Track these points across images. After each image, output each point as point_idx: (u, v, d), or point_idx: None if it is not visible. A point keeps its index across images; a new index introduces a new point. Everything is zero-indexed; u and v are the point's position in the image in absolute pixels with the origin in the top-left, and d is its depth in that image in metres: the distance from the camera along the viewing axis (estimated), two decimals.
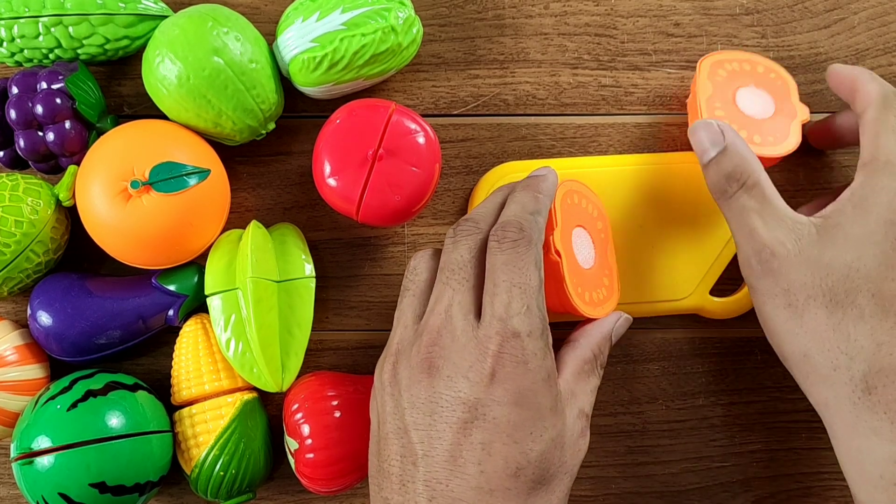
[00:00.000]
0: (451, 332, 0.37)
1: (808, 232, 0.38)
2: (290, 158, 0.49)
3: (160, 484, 0.45)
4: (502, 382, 0.35)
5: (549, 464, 0.36)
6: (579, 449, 0.38)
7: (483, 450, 0.35)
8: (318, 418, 0.44)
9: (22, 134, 0.44)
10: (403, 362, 0.38)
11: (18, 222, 0.43)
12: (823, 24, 0.49)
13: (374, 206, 0.43)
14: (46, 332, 0.45)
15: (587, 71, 0.49)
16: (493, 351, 0.36)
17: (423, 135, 0.44)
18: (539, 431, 0.36)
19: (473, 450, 0.35)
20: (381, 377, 0.39)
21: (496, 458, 0.35)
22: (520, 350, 0.36)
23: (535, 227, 0.38)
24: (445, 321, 0.37)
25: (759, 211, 0.39)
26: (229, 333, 0.44)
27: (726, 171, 0.40)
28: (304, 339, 0.45)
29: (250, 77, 0.44)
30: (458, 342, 0.36)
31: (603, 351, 0.41)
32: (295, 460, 0.45)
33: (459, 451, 0.35)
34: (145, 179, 0.42)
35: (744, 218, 0.39)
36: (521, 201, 0.40)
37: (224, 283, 0.44)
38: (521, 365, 0.36)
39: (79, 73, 0.45)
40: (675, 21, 0.49)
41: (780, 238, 0.38)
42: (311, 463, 0.44)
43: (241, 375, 0.45)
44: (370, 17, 0.44)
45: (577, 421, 0.38)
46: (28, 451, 0.42)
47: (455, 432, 0.35)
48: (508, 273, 0.37)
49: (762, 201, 0.39)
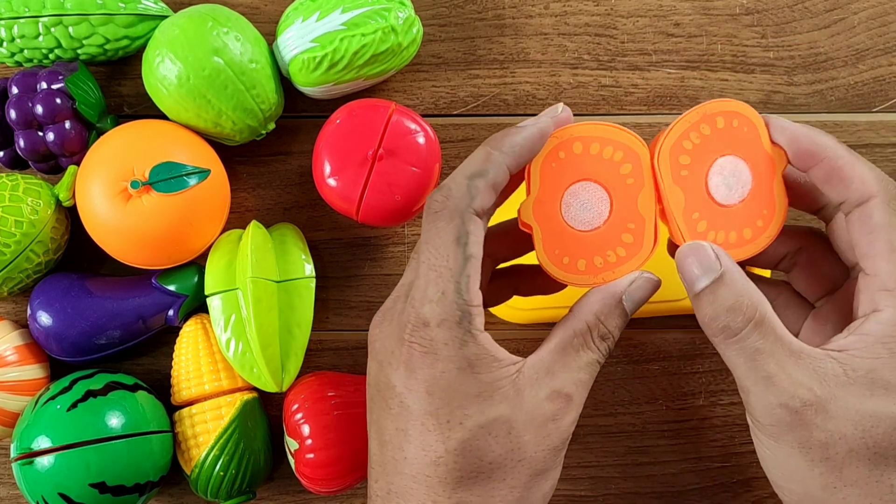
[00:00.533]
0: (391, 316, 0.36)
1: (834, 372, 0.33)
2: (290, 158, 0.49)
3: (160, 484, 0.45)
4: (414, 371, 0.34)
5: (480, 452, 0.34)
6: (548, 433, 0.34)
7: (403, 436, 0.35)
8: (318, 418, 0.44)
9: (22, 134, 0.44)
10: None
11: (18, 222, 0.43)
12: (823, 24, 0.49)
13: (374, 206, 0.43)
14: (46, 332, 0.45)
15: (587, 71, 0.49)
16: (406, 339, 0.35)
17: (423, 135, 0.44)
18: (458, 419, 0.34)
19: (397, 435, 0.35)
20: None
21: (414, 444, 0.34)
22: (427, 340, 0.34)
23: (464, 194, 0.34)
24: (392, 303, 0.37)
25: (772, 353, 0.34)
26: (229, 333, 0.44)
27: (727, 304, 0.34)
28: (304, 340, 0.45)
29: (250, 77, 0.44)
30: (391, 326, 0.36)
31: (604, 320, 0.35)
32: (295, 461, 0.45)
33: (387, 435, 0.35)
34: (145, 179, 0.42)
35: (758, 362, 0.34)
36: (468, 161, 0.35)
37: (224, 284, 0.44)
38: (430, 355, 0.34)
39: (79, 73, 0.45)
40: (675, 21, 0.49)
41: (805, 383, 0.33)
42: (311, 463, 0.44)
43: (240, 375, 0.45)
44: (370, 17, 0.44)
45: (545, 403, 0.34)
46: (28, 452, 0.42)
47: (385, 417, 0.35)
48: (426, 253, 0.35)
49: (774, 341, 0.34)
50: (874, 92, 0.49)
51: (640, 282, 0.36)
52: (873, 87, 0.49)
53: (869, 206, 0.35)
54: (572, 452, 0.49)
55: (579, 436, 0.49)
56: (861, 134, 0.49)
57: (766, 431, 0.35)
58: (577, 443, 0.49)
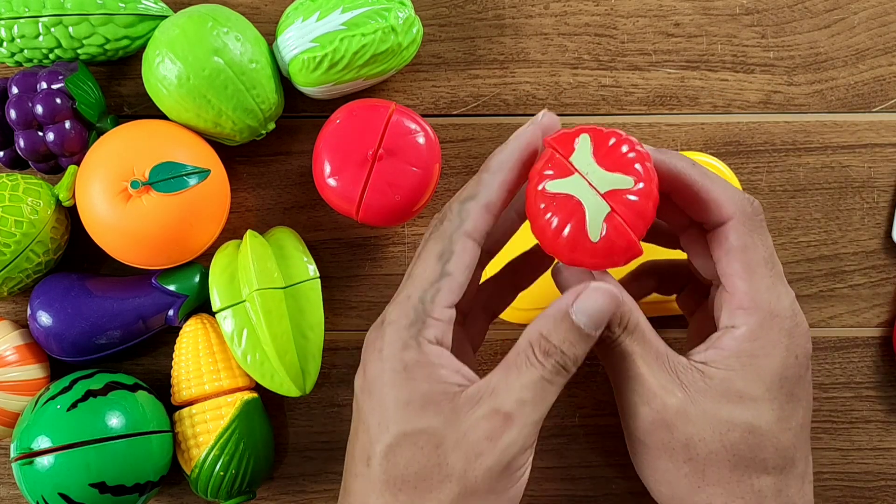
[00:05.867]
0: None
1: (693, 378, 0.35)
2: (290, 158, 0.49)
3: (160, 484, 0.45)
4: (364, 369, 0.36)
5: (405, 461, 0.33)
6: (480, 453, 0.33)
7: (354, 434, 0.36)
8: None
9: (22, 134, 0.44)
10: None
11: (18, 222, 0.43)
12: (823, 24, 0.49)
13: (374, 206, 0.43)
14: (46, 332, 0.45)
15: (587, 71, 0.49)
16: (367, 336, 0.36)
17: (423, 135, 0.44)
18: (386, 423, 0.34)
19: (352, 432, 0.37)
20: None
21: (357, 441, 0.36)
22: (379, 337, 0.35)
23: (455, 217, 0.35)
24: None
25: (642, 356, 0.36)
26: (244, 347, 0.44)
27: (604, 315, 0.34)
28: (319, 341, 0.45)
29: (250, 77, 0.44)
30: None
31: (547, 335, 0.34)
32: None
33: (351, 431, 0.37)
34: (145, 179, 0.42)
35: (629, 364, 0.36)
36: (464, 187, 0.37)
37: (231, 298, 0.44)
38: (377, 352, 0.35)
39: (79, 73, 0.45)
40: (675, 21, 0.49)
41: (668, 387, 0.35)
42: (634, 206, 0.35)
43: (262, 384, 0.45)
44: (370, 17, 0.44)
45: (480, 422, 0.33)
46: (28, 451, 0.42)
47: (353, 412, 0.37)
48: (414, 264, 0.36)
49: (643, 345, 0.36)
50: (874, 92, 0.49)
51: (589, 292, 0.34)
52: (873, 87, 0.49)
53: (726, 228, 0.36)
54: (572, 452, 0.49)
55: (579, 436, 0.49)
56: (861, 134, 0.49)
57: (634, 434, 0.37)
58: (578, 443, 0.49)
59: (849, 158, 0.49)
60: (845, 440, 0.49)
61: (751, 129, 0.49)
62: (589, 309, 0.34)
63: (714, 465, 0.35)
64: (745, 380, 0.35)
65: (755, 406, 0.35)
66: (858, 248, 0.49)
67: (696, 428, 0.35)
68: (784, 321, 0.36)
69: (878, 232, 0.49)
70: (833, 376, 0.49)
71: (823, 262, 0.49)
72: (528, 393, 0.34)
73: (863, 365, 0.49)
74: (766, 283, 0.36)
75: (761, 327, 0.36)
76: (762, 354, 0.36)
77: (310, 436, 0.49)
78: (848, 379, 0.49)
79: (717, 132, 0.49)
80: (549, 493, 0.49)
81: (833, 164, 0.49)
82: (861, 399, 0.49)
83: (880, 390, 0.49)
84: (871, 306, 0.49)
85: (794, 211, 0.49)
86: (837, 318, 0.49)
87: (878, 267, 0.49)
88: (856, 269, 0.49)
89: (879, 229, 0.49)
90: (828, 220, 0.49)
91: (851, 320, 0.49)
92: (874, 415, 0.49)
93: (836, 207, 0.49)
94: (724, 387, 0.35)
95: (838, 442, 0.49)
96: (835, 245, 0.49)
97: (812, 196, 0.49)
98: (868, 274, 0.49)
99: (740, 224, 0.36)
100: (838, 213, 0.49)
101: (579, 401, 0.49)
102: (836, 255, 0.49)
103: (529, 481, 0.36)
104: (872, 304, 0.49)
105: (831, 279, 0.49)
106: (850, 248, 0.49)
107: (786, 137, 0.49)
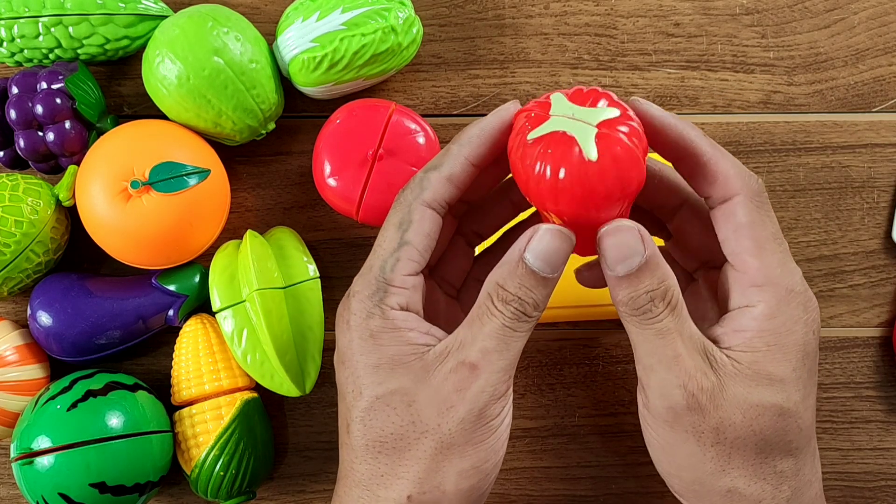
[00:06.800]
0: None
1: (723, 362, 0.35)
2: (290, 158, 0.49)
3: (160, 484, 0.45)
4: (338, 340, 0.37)
5: (381, 423, 0.34)
6: (451, 405, 0.34)
7: (339, 403, 0.37)
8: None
9: (22, 134, 0.44)
10: None
11: (18, 222, 0.43)
12: (823, 24, 0.49)
13: (374, 206, 0.43)
14: (46, 332, 0.45)
15: (587, 71, 0.49)
16: (339, 311, 0.37)
17: (423, 135, 0.44)
18: (359, 388, 0.35)
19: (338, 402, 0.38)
20: None
21: (340, 411, 0.37)
22: (346, 309, 0.36)
23: (416, 186, 0.36)
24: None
25: (681, 334, 0.34)
26: (244, 347, 0.44)
27: (650, 288, 0.34)
28: (319, 341, 0.45)
29: (250, 77, 0.44)
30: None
31: (503, 283, 0.34)
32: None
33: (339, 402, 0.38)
34: (145, 179, 0.42)
35: (667, 341, 0.34)
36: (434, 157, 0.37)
37: (231, 298, 0.44)
38: (345, 324, 0.36)
39: (79, 73, 0.45)
40: (675, 21, 0.49)
41: (702, 368, 0.34)
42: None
43: (262, 384, 0.45)
44: (370, 17, 0.44)
45: (449, 375, 0.34)
46: (28, 451, 0.42)
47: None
48: (379, 235, 0.37)
49: (682, 324, 0.34)
50: (874, 92, 0.49)
51: (540, 234, 0.34)
52: (873, 87, 0.49)
53: (733, 204, 0.35)
54: (572, 452, 0.49)
55: (579, 436, 0.49)
56: (861, 134, 0.49)
57: (662, 416, 0.35)
58: (577, 443, 0.49)
59: (849, 158, 0.49)
60: (845, 440, 0.49)
61: (751, 129, 0.49)
62: (542, 251, 0.34)
63: (740, 450, 0.35)
64: (773, 361, 0.35)
65: (783, 388, 0.35)
66: (858, 248, 0.49)
67: (726, 412, 0.34)
68: (799, 296, 0.35)
69: (878, 232, 0.49)
70: (833, 376, 0.49)
71: (823, 262, 0.49)
72: (492, 342, 0.34)
73: (863, 365, 0.49)
74: (777, 259, 0.35)
75: (779, 304, 0.35)
76: (784, 332, 0.35)
77: (310, 436, 0.49)
78: (848, 379, 0.49)
79: (717, 132, 0.49)
80: (549, 493, 0.49)
81: (833, 164, 0.49)
82: (861, 399, 0.49)
83: (880, 390, 0.49)
84: (871, 306, 0.49)
85: (794, 211, 0.49)
86: (837, 318, 0.49)
87: (878, 267, 0.49)
88: (856, 269, 0.49)
89: (879, 229, 0.49)
90: (828, 220, 0.49)
91: (851, 320, 0.49)
92: (874, 415, 0.49)
93: (836, 207, 0.49)
94: (753, 370, 0.35)
95: (838, 442, 0.49)
96: (835, 245, 0.49)
97: (812, 196, 0.49)
98: (868, 274, 0.49)
99: (748, 199, 0.35)
100: (838, 213, 0.49)
101: (579, 401, 0.49)
102: (836, 255, 0.49)
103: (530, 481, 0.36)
104: (872, 304, 0.49)
105: (831, 279, 0.49)
106: (850, 248, 0.49)
107: (786, 137, 0.49)
